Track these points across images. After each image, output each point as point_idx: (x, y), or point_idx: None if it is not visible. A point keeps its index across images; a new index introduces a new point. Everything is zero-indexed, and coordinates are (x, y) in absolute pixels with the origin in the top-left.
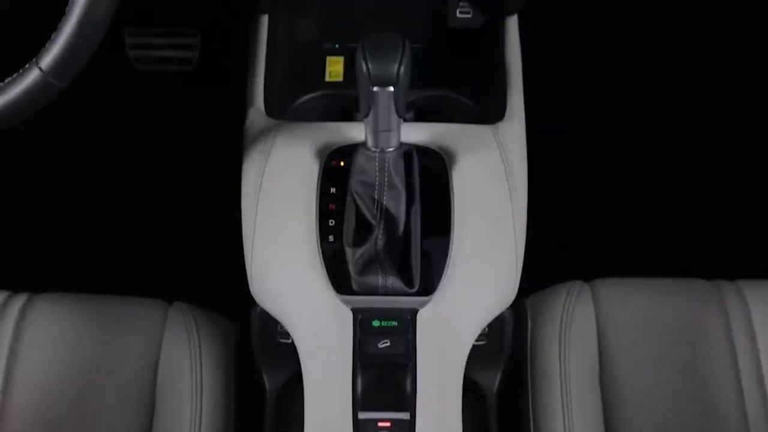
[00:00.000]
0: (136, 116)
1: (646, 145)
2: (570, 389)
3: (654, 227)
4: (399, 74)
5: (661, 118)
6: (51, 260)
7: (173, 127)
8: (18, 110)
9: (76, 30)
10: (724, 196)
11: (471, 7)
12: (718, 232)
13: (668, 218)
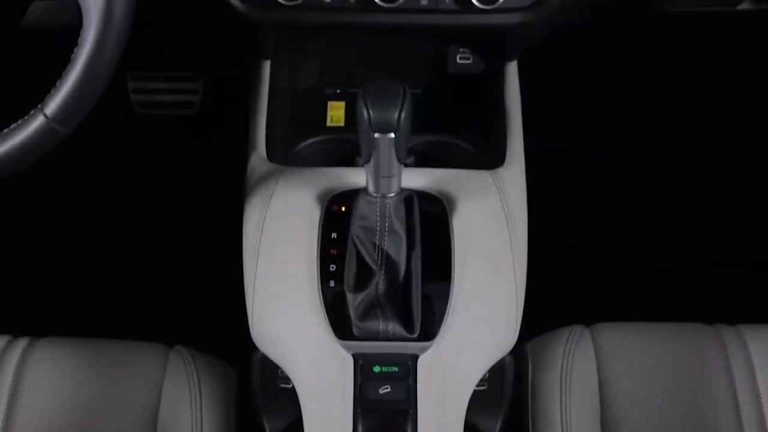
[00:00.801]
0: (138, 160)
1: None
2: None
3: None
4: (400, 121)
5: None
6: (52, 304)
7: (175, 171)
8: (22, 156)
9: (81, 77)
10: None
11: (471, 53)
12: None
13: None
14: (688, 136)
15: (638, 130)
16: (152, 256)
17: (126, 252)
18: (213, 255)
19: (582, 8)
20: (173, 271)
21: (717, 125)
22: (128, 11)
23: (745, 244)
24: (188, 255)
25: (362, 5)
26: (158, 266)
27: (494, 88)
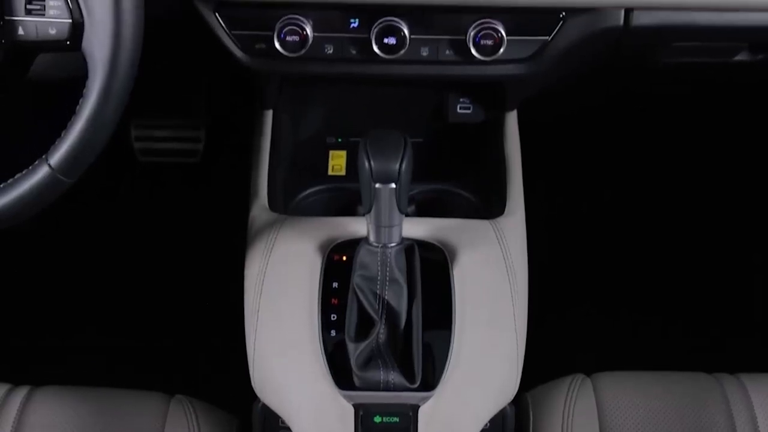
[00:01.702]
0: (140, 207)
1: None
2: None
3: (655, 313)
4: (401, 171)
5: (658, 203)
6: (53, 353)
7: (177, 219)
8: (25, 206)
9: (86, 128)
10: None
11: (471, 102)
12: (717, 321)
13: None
14: (686, 187)
15: (636, 180)
16: (154, 304)
17: (127, 300)
18: (214, 303)
19: (580, 61)
20: (174, 318)
21: (716, 176)
22: (133, 63)
23: (744, 292)
24: (190, 302)
25: (364, 56)
26: (159, 313)
27: (494, 138)
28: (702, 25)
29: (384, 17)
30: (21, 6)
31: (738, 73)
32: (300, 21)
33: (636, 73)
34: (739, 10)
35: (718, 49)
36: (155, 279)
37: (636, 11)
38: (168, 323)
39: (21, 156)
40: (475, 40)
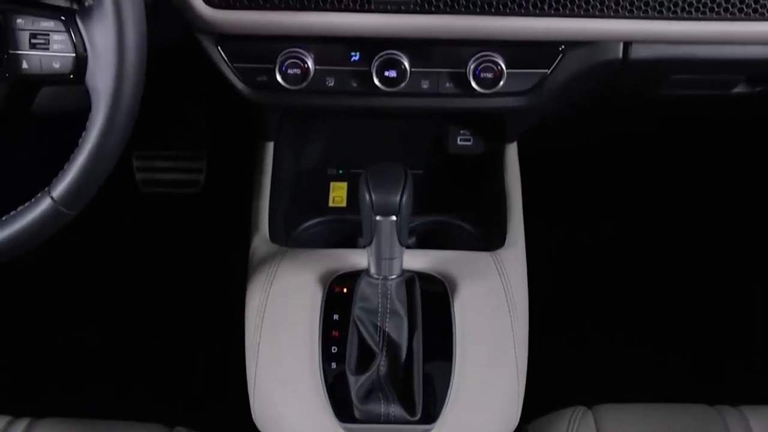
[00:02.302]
0: (142, 238)
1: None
2: None
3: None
4: (401, 204)
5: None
6: (53, 384)
7: (178, 249)
8: (28, 238)
9: (89, 161)
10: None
11: (471, 134)
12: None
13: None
14: (685, 217)
15: (636, 211)
16: (155, 335)
17: (128, 330)
18: (215, 334)
19: (580, 93)
20: (175, 348)
21: (715, 207)
22: (136, 96)
23: (746, 323)
24: (190, 334)
25: (364, 89)
26: (160, 344)
27: (494, 170)
28: (700, 58)
29: (384, 50)
30: (25, 40)
31: (736, 106)
32: (301, 54)
33: (635, 105)
34: (737, 43)
35: (716, 81)
36: (156, 309)
37: (635, 44)
38: (168, 354)
39: (23, 188)
40: (475, 73)
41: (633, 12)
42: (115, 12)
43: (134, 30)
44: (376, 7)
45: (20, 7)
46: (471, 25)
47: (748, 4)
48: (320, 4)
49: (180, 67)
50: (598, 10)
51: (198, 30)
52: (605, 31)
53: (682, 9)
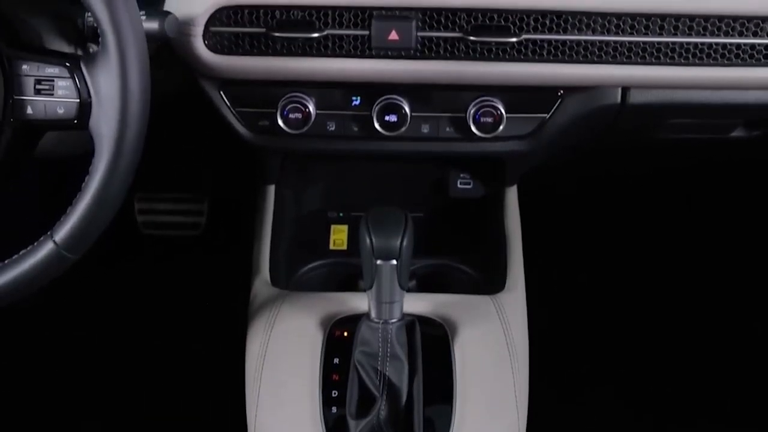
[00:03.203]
0: (142, 280)
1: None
2: None
3: (658, 391)
4: (402, 248)
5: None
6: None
7: (178, 292)
8: (30, 282)
9: (92, 205)
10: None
11: (471, 178)
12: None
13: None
14: (684, 259)
15: (637, 254)
16: (154, 376)
17: (127, 371)
18: (215, 377)
19: (579, 137)
20: (175, 390)
21: (715, 251)
22: (139, 141)
23: (747, 373)
24: (191, 377)
25: (365, 133)
26: (160, 386)
27: (494, 213)
28: (697, 102)
29: (385, 95)
30: (30, 86)
31: (734, 150)
32: (303, 99)
33: (634, 148)
34: (734, 88)
35: (713, 125)
36: (156, 351)
37: (633, 89)
38: (167, 396)
39: (26, 232)
40: (475, 118)
41: (631, 58)
42: (119, 58)
43: (138, 76)
44: (376, 53)
45: (26, 54)
46: (471, 71)
47: (744, 50)
48: (321, 50)
49: (182, 111)
50: (596, 56)
51: (201, 75)
52: (603, 76)
53: (679, 55)
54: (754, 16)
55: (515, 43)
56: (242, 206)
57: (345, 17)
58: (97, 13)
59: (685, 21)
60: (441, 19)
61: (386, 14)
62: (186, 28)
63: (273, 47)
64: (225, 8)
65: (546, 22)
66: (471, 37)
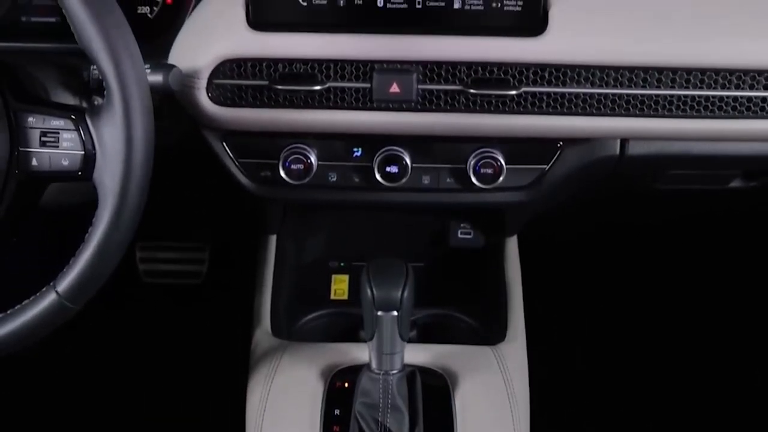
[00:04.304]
0: (143, 329)
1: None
2: None
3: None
4: (402, 300)
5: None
6: None
7: (179, 341)
8: (31, 333)
9: (94, 256)
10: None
11: (471, 228)
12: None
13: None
14: (685, 308)
15: (635, 303)
16: (155, 427)
17: (127, 422)
18: (216, 428)
19: (578, 187)
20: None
21: (716, 301)
22: (143, 193)
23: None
24: (191, 426)
25: (366, 184)
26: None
27: (495, 263)
28: (696, 154)
29: (386, 146)
30: (36, 138)
31: (733, 200)
32: (304, 150)
33: (633, 198)
34: (732, 140)
35: (712, 176)
36: (156, 402)
37: (632, 141)
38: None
39: (28, 282)
40: (475, 169)
41: (629, 110)
42: (124, 112)
43: (142, 129)
44: (378, 106)
45: (32, 106)
46: (471, 123)
47: (741, 103)
48: (323, 102)
49: (185, 161)
50: (595, 108)
51: (204, 126)
52: (602, 128)
53: (677, 107)
54: (750, 69)
55: (515, 95)
56: (243, 255)
57: (347, 70)
58: (102, 67)
59: (682, 74)
60: (441, 72)
61: (387, 67)
62: (190, 81)
63: (275, 99)
64: (228, 61)
65: (545, 75)
66: (471, 89)
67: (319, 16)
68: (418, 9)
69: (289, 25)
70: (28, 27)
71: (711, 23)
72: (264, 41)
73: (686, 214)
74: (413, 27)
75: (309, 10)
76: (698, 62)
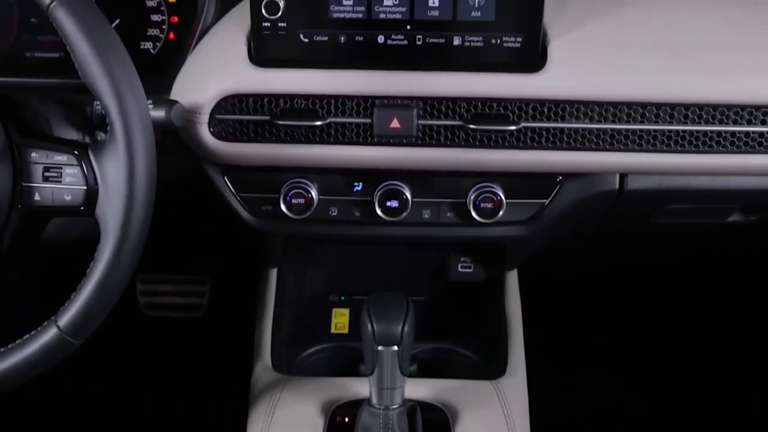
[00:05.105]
0: (143, 362)
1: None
2: None
3: None
4: (403, 335)
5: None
6: None
7: (179, 375)
8: (32, 367)
9: (96, 291)
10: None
11: (472, 262)
12: None
13: None
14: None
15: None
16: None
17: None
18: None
19: (578, 221)
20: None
21: (717, 337)
22: (144, 228)
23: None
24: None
25: (367, 219)
26: None
27: (495, 297)
28: (694, 188)
29: (387, 181)
30: (39, 173)
31: (732, 235)
32: (305, 184)
33: (632, 233)
34: (730, 175)
35: (711, 210)
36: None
37: (631, 175)
38: None
39: (29, 316)
40: (475, 203)
41: (628, 145)
42: (127, 147)
43: (145, 163)
44: (378, 141)
45: (35, 141)
46: (471, 158)
47: (739, 138)
48: (324, 137)
49: (186, 194)
50: (594, 143)
51: (205, 160)
52: (601, 163)
53: (675, 142)
54: (747, 104)
55: (514, 130)
56: (244, 289)
57: (348, 106)
58: (105, 102)
59: (680, 110)
60: (441, 108)
61: (388, 103)
62: (192, 116)
63: (277, 134)
64: (230, 97)
65: (544, 111)
66: (471, 125)
67: (320, 52)
68: (419, 45)
69: (291, 62)
70: (32, 62)
71: (708, 59)
72: (265, 77)
73: (685, 249)
74: (414, 63)
75: (310, 46)
76: (696, 98)
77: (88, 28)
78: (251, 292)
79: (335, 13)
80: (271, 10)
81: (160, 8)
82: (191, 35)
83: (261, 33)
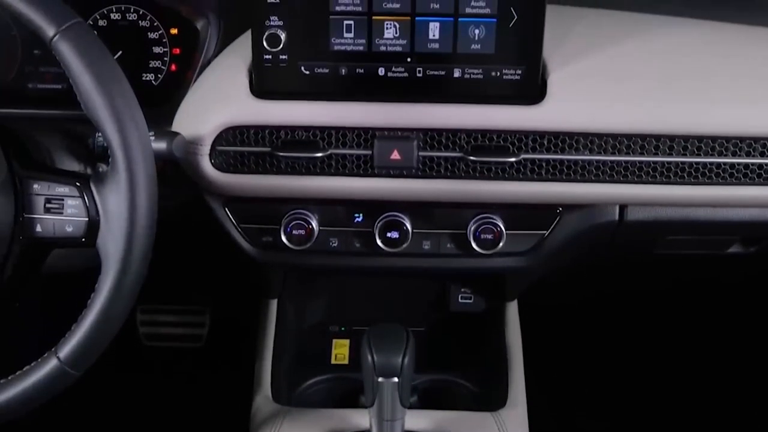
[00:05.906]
0: (143, 393)
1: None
2: None
3: None
4: (403, 366)
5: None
6: None
7: (179, 405)
8: (32, 398)
9: (96, 323)
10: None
11: (472, 293)
12: None
13: None
14: (689, 374)
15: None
16: None
17: None
18: None
19: (578, 252)
20: None
21: (718, 367)
22: (146, 260)
23: None
24: None
25: (367, 250)
26: None
27: (495, 327)
28: (694, 220)
29: (387, 212)
30: (40, 205)
31: (732, 266)
32: (306, 215)
33: (631, 264)
34: (730, 206)
35: (711, 242)
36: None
37: (630, 207)
38: None
39: (29, 348)
40: (475, 234)
41: (627, 177)
42: (128, 179)
43: (146, 196)
44: (379, 172)
45: (37, 173)
46: (471, 189)
47: (738, 170)
48: (325, 169)
49: (187, 225)
50: (594, 174)
51: (206, 192)
52: (601, 194)
53: (675, 174)
54: (746, 136)
55: (514, 162)
56: (244, 319)
57: (348, 137)
58: (107, 135)
59: (679, 141)
60: (442, 140)
61: (388, 135)
62: (193, 147)
63: (277, 166)
64: (231, 128)
65: (544, 142)
66: (471, 156)
67: (321, 84)
68: (419, 78)
69: (292, 94)
70: (35, 94)
71: (707, 91)
72: (266, 109)
73: (685, 280)
74: (414, 95)
75: (311, 78)
76: (696, 130)
77: (91, 61)
78: (251, 322)
79: (336, 46)
80: (272, 43)
81: (162, 40)
82: (193, 67)
83: (262, 65)
